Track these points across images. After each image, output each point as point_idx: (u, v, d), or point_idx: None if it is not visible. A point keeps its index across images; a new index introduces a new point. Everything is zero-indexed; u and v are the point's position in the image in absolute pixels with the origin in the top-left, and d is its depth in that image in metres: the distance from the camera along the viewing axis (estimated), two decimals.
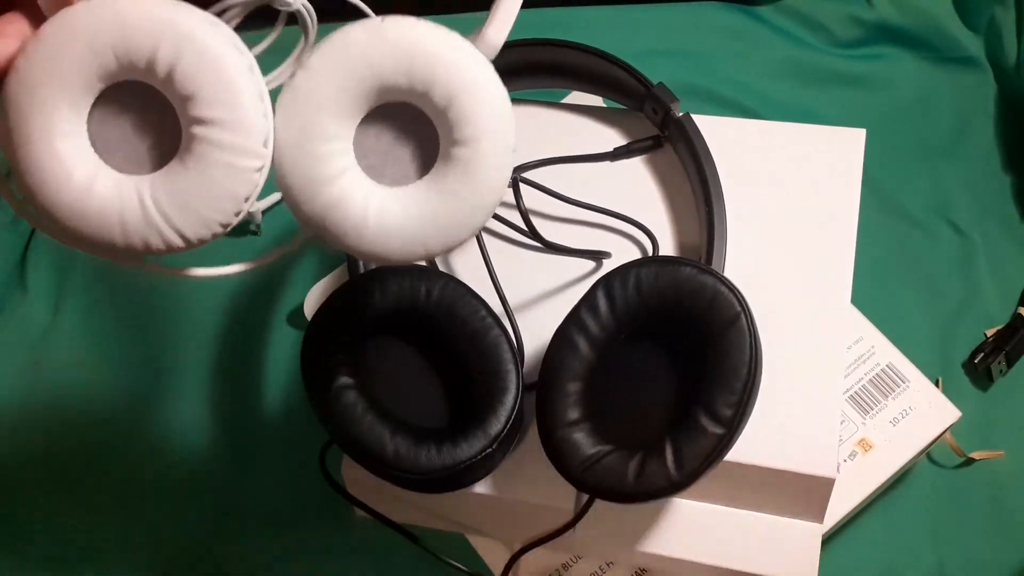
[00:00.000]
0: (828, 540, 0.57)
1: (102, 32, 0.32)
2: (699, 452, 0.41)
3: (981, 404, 0.62)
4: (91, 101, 0.33)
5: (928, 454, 0.61)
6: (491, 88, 0.34)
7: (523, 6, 0.36)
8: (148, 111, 0.34)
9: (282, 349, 0.66)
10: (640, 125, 0.54)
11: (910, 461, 0.55)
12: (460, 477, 0.44)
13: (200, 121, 0.33)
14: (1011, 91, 0.72)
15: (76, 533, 0.62)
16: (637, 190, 0.53)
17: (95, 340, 0.67)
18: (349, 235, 0.34)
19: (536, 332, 0.48)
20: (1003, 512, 0.60)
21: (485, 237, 0.51)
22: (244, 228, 0.69)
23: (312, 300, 0.64)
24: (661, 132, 0.53)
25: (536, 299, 0.51)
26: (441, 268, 0.52)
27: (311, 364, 0.44)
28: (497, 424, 0.44)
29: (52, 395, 0.66)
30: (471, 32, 0.36)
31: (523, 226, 0.49)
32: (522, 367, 0.46)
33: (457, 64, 0.33)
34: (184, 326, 0.68)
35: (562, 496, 0.48)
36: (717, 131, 0.51)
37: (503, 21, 0.36)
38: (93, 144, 0.34)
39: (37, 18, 0.33)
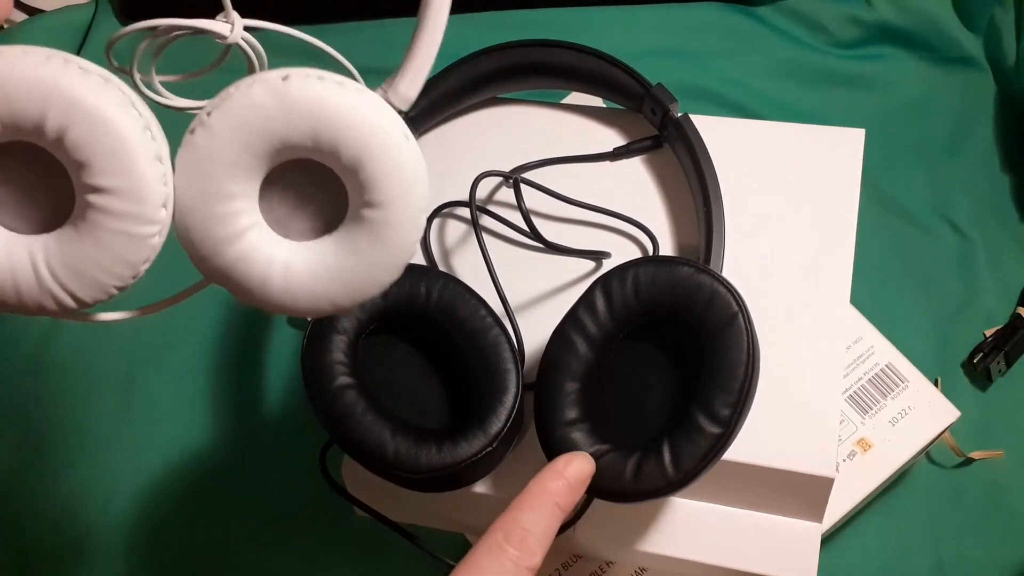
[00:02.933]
0: (828, 540, 0.57)
1: None
2: (696, 451, 0.41)
3: (980, 404, 0.63)
4: None
5: (927, 454, 0.61)
6: (402, 150, 0.32)
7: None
8: (39, 169, 0.31)
9: (282, 349, 0.67)
10: (640, 125, 0.54)
11: (909, 461, 0.55)
12: (460, 477, 0.44)
13: (94, 189, 0.30)
14: (1011, 91, 0.72)
15: (77, 533, 0.62)
16: (637, 190, 0.53)
17: (95, 342, 0.67)
18: (253, 291, 0.33)
19: (536, 332, 0.48)
20: (1002, 512, 0.60)
21: (485, 237, 0.51)
22: None
23: None
24: (660, 132, 0.53)
25: (536, 299, 0.51)
26: (441, 268, 0.52)
27: (311, 364, 0.44)
28: (497, 423, 0.44)
29: (52, 396, 0.66)
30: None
31: (523, 226, 0.49)
32: (522, 367, 0.46)
33: (365, 126, 0.31)
34: (184, 326, 0.68)
35: None
36: (716, 131, 0.51)
37: (416, 74, 0.34)
38: None
39: None
